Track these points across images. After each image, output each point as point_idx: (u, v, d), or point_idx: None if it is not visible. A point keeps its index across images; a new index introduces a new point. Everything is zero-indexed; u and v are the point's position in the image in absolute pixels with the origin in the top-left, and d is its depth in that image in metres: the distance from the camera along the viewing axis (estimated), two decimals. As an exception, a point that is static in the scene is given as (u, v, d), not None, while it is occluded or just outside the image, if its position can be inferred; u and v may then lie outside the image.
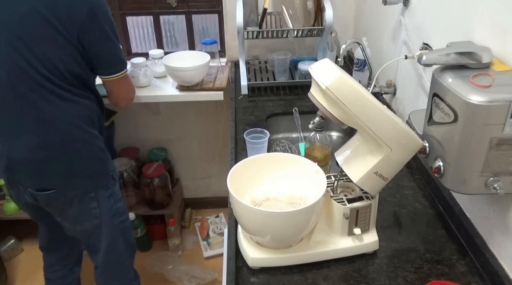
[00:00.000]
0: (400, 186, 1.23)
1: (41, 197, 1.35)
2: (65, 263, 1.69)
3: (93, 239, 1.48)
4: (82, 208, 1.39)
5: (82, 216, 1.41)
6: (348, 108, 0.83)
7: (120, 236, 1.51)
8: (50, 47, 1.23)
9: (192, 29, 2.15)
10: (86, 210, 1.39)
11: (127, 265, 1.59)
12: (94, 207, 1.39)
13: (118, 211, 1.47)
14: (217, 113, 2.26)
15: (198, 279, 2.09)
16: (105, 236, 1.46)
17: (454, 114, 0.79)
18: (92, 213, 1.40)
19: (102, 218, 1.43)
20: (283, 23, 1.81)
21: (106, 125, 2.06)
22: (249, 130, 1.31)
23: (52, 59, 1.23)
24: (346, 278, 0.96)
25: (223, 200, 1.48)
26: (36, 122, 1.27)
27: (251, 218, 0.91)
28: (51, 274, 1.69)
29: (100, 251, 1.50)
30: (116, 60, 1.38)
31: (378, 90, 1.52)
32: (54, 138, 1.29)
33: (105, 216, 1.43)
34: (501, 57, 0.85)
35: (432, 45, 1.20)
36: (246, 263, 0.98)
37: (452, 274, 0.96)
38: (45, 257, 1.69)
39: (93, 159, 1.37)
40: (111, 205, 1.44)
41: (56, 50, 1.24)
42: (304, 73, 1.77)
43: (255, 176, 1.03)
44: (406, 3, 1.36)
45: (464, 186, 0.84)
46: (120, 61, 1.39)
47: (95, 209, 1.40)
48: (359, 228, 0.97)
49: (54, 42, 1.23)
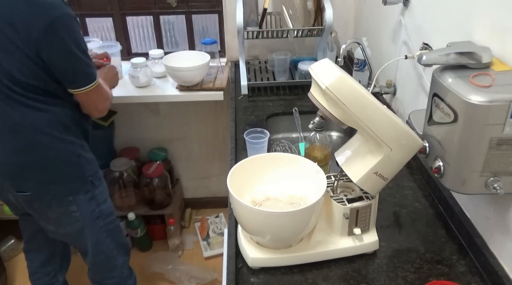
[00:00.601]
0: (400, 186, 1.23)
1: (21, 198, 1.36)
2: (47, 271, 1.68)
3: (78, 241, 1.48)
4: (62, 211, 1.38)
5: (62, 219, 1.40)
6: (348, 108, 0.83)
7: (107, 237, 1.50)
8: (8, 60, 1.20)
9: (192, 29, 2.15)
10: (66, 213, 1.38)
11: (120, 264, 1.59)
12: (73, 210, 1.38)
13: (102, 213, 1.45)
14: (217, 113, 2.26)
15: (198, 279, 2.09)
16: (89, 238, 1.46)
17: (454, 114, 0.79)
18: (72, 216, 1.39)
19: (84, 221, 1.41)
20: (283, 23, 1.81)
21: (106, 125, 2.07)
22: (249, 130, 1.31)
23: (11, 71, 1.20)
24: (346, 278, 0.96)
25: (223, 200, 1.48)
26: (7, 130, 1.27)
27: (251, 218, 0.91)
28: (34, 282, 1.69)
29: (88, 253, 1.51)
30: (81, 76, 1.28)
31: (378, 90, 1.52)
32: (24, 146, 1.29)
33: (87, 219, 1.41)
34: (501, 57, 0.85)
35: (432, 45, 1.20)
36: (246, 263, 0.98)
37: (452, 274, 0.96)
38: (28, 264, 1.69)
39: (67, 164, 1.34)
40: (93, 208, 1.42)
41: (15, 63, 1.20)
42: (304, 73, 1.77)
43: (255, 176, 1.03)
44: (406, 3, 1.36)
45: (464, 186, 0.84)
46: (87, 75, 1.29)
47: (75, 213, 1.38)
48: (359, 228, 0.97)
49: (12, 56, 1.19)
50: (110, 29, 2.15)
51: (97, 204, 1.43)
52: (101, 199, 1.45)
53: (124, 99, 1.81)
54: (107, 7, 2.07)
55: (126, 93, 1.83)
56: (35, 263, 1.68)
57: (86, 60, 1.28)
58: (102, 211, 1.45)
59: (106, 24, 2.14)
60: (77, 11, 2.06)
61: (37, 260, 1.67)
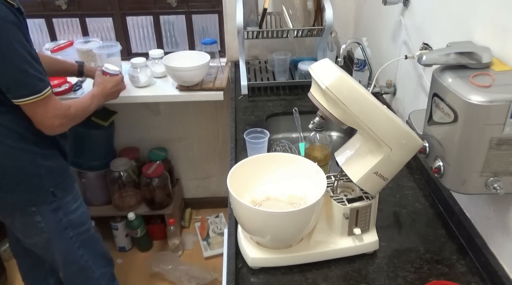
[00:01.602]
0: (400, 186, 1.23)
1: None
2: (37, 274, 1.65)
3: (47, 252, 1.44)
4: (26, 221, 1.34)
5: (28, 229, 1.37)
6: (348, 108, 0.83)
7: (80, 248, 1.44)
8: None
9: (192, 29, 2.15)
10: (31, 223, 1.34)
11: (97, 276, 1.52)
12: (38, 221, 1.33)
13: (71, 223, 1.39)
14: (217, 113, 2.26)
15: (198, 279, 2.09)
16: (58, 249, 1.41)
17: (454, 114, 0.79)
18: (37, 226, 1.35)
19: (50, 232, 1.36)
20: (283, 23, 1.81)
21: (106, 125, 2.07)
22: (249, 130, 1.31)
23: None
24: (346, 278, 0.96)
25: (223, 200, 1.48)
26: None
27: (251, 218, 0.91)
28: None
29: (58, 265, 1.46)
30: (16, 84, 1.16)
31: (378, 90, 1.52)
32: None
33: (53, 229, 1.36)
34: (501, 57, 0.85)
35: (432, 45, 1.20)
36: (246, 263, 0.98)
37: (452, 274, 0.96)
38: (18, 268, 1.67)
39: (24, 174, 1.29)
40: (60, 218, 1.36)
41: None
42: (304, 73, 1.77)
43: (255, 176, 1.03)
44: (406, 3, 1.36)
45: (464, 186, 0.84)
46: (24, 86, 1.16)
47: (39, 223, 1.34)
48: (359, 228, 0.97)
49: None
50: (110, 29, 2.15)
51: (64, 214, 1.37)
52: (70, 209, 1.39)
53: (124, 99, 1.81)
54: (107, 7, 2.07)
55: (126, 93, 1.82)
56: (24, 267, 1.65)
57: (25, 68, 1.15)
58: (71, 221, 1.39)
59: (106, 24, 2.14)
60: (77, 11, 2.07)
61: (25, 264, 1.64)
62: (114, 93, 1.62)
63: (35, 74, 1.18)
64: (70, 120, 1.31)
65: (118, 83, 1.63)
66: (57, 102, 1.26)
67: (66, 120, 1.28)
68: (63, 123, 1.28)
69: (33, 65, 1.17)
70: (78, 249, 1.44)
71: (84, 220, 1.45)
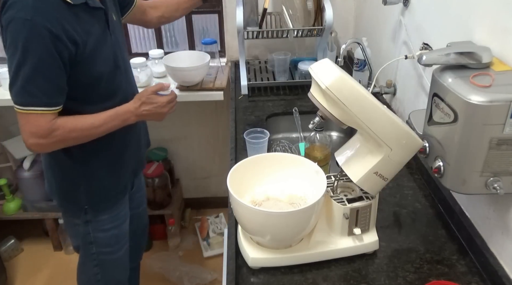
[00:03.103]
0: (400, 186, 1.23)
1: None
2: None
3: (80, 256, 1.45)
4: (67, 220, 1.42)
5: (68, 228, 1.44)
6: (348, 108, 0.83)
7: (97, 267, 1.41)
8: None
9: (192, 29, 2.15)
10: (70, 223, 1.39)
11: None
12: (77, 223, 1.35)
13: (97, 240, 1.36)
14: (217, 113, 2.26)
15: (198, 279, 2.09)
16: (81, 257, 1.43)
17: (454, 114, 0.79)
18: (75, 228, 1.37)
19: (79, 239, 1.38)
20: (283, 23, 1.81)
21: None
22: (249, 130, 1.31)
23: None
24: (346, 278, 0.96)
25: (223, 200, 1.48)
26: None
27: (251, 218, 0.91)
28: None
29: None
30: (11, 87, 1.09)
31: (378, 90, 1.52)
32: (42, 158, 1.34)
33: (81, 238, 1.37)
34: (501, 57, 0.85)
35: (432, 45, 1.20)
36: (246, 263, 0.98)
37: (452, 274, 0.96)
38: None
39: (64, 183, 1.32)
40: (88, 231, 1.35)
41: None
42: (304, 73, 1.77)
43: (255, 176, 1.03)
44: (406, 3, 1.36)
45: (464, 186, 0.84)
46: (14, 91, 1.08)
47: (77, 226, 1.35)
48: (359, 228, 0.97)
49: None
50: (110, 29, 2.15)
51: (93, 230, 1.35)
52: (102, 227, 1.35)
53: (124, 99, 1.81)
54: (107, 7, 2.07)
55: (126, 93, 1.82)
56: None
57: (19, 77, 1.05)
58: (97, 238, 1.36)
59: (106, 24, 2.14)
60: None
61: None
62: (155, 116, 1.26)
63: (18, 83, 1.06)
64: (53, 142, 1.14)
65: (162, 105, 1.25)
66: (40, 121, 1.10)
67: (46, 142, 1.12)
68: (40, 144, 1.12)
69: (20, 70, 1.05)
70: (95, 266, 1.41)
71: (112, 243, 1.40)
